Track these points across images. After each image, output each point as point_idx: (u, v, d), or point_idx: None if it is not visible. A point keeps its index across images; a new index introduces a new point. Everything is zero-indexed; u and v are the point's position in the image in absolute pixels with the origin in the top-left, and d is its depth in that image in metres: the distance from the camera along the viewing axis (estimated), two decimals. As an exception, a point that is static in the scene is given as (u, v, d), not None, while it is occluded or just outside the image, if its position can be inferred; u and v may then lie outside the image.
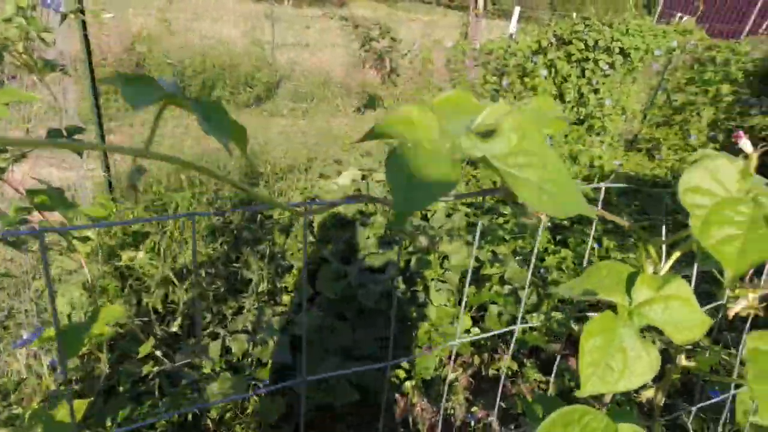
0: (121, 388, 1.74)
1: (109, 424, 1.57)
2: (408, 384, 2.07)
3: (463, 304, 0.98)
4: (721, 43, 4.05)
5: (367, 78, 7.30)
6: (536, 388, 2.20)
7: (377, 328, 2.14)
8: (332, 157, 3.78)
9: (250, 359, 1.92)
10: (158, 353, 1.85)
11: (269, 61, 6.95)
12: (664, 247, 0.51)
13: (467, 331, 2.27)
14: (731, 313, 0.53)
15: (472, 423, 2.02)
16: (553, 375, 1.39)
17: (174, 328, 2.15)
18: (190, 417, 1.72)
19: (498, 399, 1.98)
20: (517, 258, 2.65)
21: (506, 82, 4.06)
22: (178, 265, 2.49)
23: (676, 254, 0.50)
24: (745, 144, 0.52)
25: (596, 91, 4.03)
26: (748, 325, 0.98)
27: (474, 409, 2.07)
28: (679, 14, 5.57)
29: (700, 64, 4.10)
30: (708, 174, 0.38)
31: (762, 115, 3.77)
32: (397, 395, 2.09)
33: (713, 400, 1.50)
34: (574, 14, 4.56)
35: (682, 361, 0.62)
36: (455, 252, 2.30)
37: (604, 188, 0.96)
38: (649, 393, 0.64)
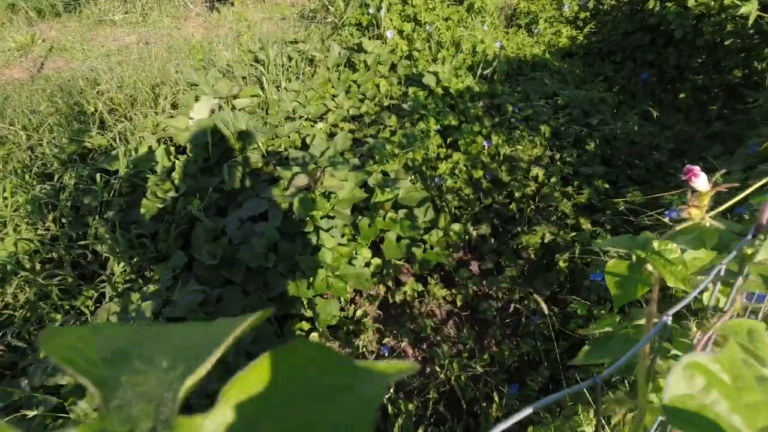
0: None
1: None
2: (314, 335, 1.96)
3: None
4: None
5: (214, -38, 5.95)
6: (442, 302, 2.23)
7: (271, 286, 1.93)
8: (185, 78, 3.09)
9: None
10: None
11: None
12: None
13: (367, 264, 2.16)
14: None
15: (386, 354, 2.02)
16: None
17: (14, 342, 1.73)
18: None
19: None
20: (410, 172, 2.51)
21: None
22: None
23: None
24: (701, 182, 0.35)
25: (472, -36, 3.65)
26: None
27: (386, 340, 2.06)
28: None
29: None
30: None
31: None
32: (306, 346, 1.99)
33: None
34: None
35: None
36: (341, 183, 2.07)
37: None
38: None
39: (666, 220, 1.98)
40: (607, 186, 2.62)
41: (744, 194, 0.57)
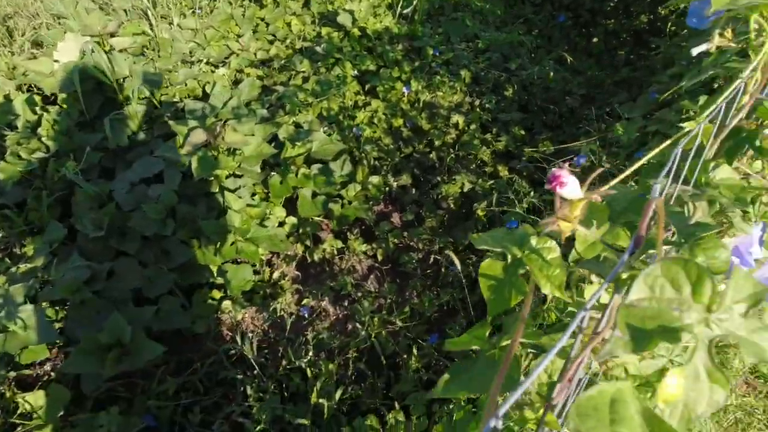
0: None
1: None
2: (227, 303, 1.84)
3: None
4: None
5: None
6: (363, 258, 2.19)
7: (173, 256, 1.75)
8: (48, 9, 2.56)
9: (-9, 356, 1.41)
10: None
11: None
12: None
13: (282, 224, 2.03)
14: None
15: (306, 315, 1.96)
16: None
17: None
18: None
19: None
20: (325, 123, 2.34)
21: None
22: None
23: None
24: (572, 189, 0.27)
25: None
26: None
27: (305, 301, 1.99)
28: None
29: None
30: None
31: None
32: (219, 315, 1.87)
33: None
34: None
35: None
36: (245, 138, 1.87)
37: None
38: None
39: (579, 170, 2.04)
40: (523, 132, 2.65)
41: (621, 176, 0.52)
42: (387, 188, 2.37)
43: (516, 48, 3.27)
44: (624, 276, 0.32)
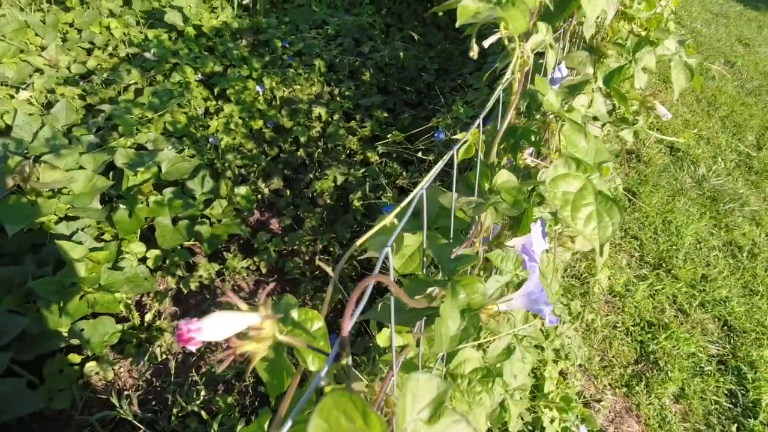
0: None
1: None
2: (92, 364, 1.60)
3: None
4: None
5: None
6: (246, 274, 2.07)
7: (1, 329, 1.46)
8: None
9: None
10: None
11: None
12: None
13: (143, 260, 1.82)
14: None
15: (194, 350, 1.80)
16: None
17: None
18: None
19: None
20: (172, 139, 2.12)
21: None
22: None
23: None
24: (212, 331, 0.22)
25: None
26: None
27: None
28: None
29: None
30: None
31: None
32: (85, 380, 1.63)
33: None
34: None
35: None
36: (68, 175, 1.60)
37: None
38: None
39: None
40: (386, 115, 2.69)
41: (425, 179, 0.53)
42: (258, 195, 2.25)
43: (367, 30, 3.28)
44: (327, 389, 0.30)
